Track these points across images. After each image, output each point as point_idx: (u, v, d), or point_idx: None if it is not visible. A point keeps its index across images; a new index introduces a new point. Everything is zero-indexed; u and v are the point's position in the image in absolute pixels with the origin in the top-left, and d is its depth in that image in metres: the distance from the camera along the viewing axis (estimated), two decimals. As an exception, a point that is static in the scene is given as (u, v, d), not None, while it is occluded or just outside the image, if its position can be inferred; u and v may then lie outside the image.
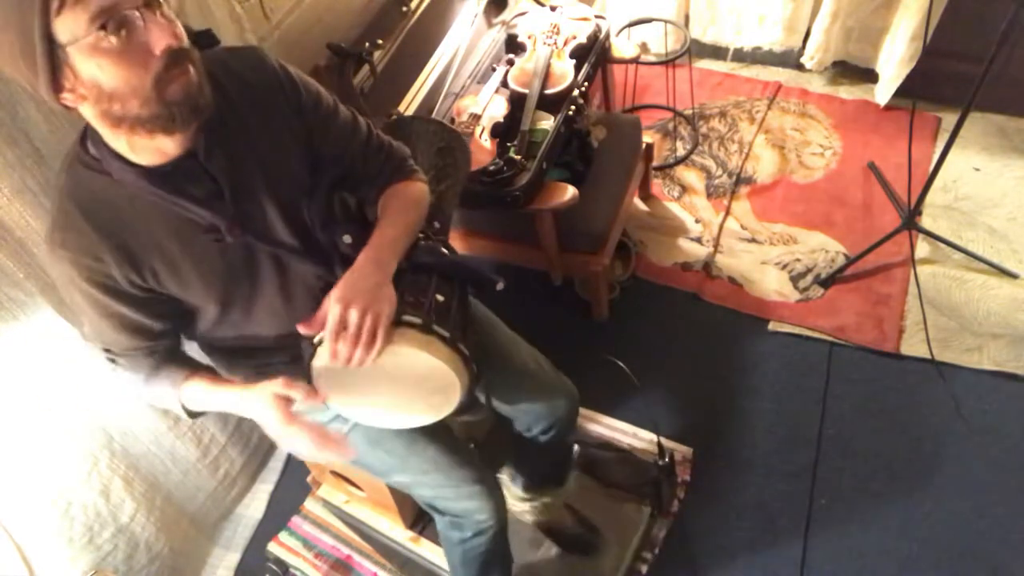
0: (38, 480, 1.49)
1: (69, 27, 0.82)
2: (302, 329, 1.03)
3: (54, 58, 0.84)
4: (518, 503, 1.77)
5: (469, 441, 1.87)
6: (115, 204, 0.99)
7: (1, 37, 0.83)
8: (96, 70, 0.85)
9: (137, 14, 0.84)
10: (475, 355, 1.10)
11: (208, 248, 1.05)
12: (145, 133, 0.92)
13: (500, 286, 1.20)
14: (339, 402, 1.14)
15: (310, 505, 2.00)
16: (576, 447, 1.93)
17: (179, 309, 1.12)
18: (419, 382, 1.09)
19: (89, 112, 0.91)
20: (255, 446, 2.05)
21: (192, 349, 1.26)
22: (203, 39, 0.98)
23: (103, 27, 0.82)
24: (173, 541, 1.79)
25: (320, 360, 1.04)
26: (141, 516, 1.68)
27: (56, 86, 0.86)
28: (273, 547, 1.94)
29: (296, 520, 1.98)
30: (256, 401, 1.05)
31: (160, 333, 1.13)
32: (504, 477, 1.78)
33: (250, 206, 1.07)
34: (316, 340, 1.05)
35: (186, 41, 0.90)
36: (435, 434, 1.32)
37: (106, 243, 0.99)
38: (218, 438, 1.89)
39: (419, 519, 1.90)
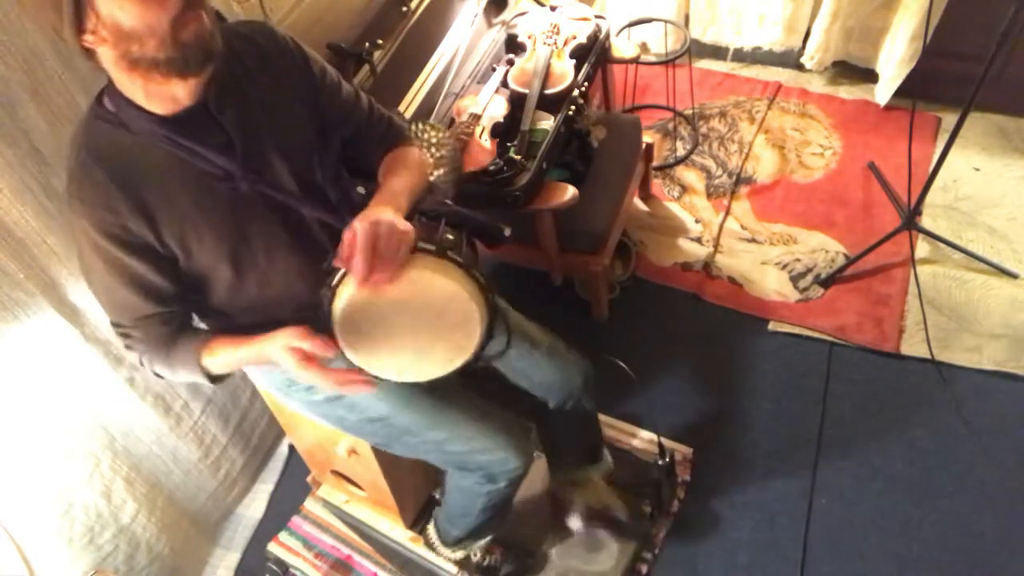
0: (38, 480, 1.49)
1: None
2: (336, 263, 1.03)
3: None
4: (555, 486, 1.82)
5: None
6: (130, 156, 1.03)
7: None
8: (117, 10, 0.90)
9: None
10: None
11: (220, 200, 1.08)
12: (160, 77, 0.97)
13: (507, 232, 1.25)
14: (360, 354, 1.12)
15: (310, 505, 2.01)
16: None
17: (191, 273, 1.13)
18: (438, 315, 1.08)
19: (108, 56, 0.95)
20: (255, 446, 2.05)
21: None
22: None
23: None
24: (174, 541, 1.79)
25: (341, 300, 1.04)
26: (143, 517, 1.68)
27: (79, 27, 0.91)
28: (273, 547, 1.94)
29: (296, 520, 1.98)
30: (274, 352, 1.07)
31: (173, 297, 1.13)
32: (543, 463, 1.81)
33: (260, 159, 1.11)
34: (334, 283, 1.05)
35: None
36: (457, 395, 1.38)
37: (121, 194, 1.02)
38: (219, 438, 1.90)
39: (419, 519, 1.90)
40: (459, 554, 1.71)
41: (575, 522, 1.75)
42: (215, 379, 1.18)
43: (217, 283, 1.16)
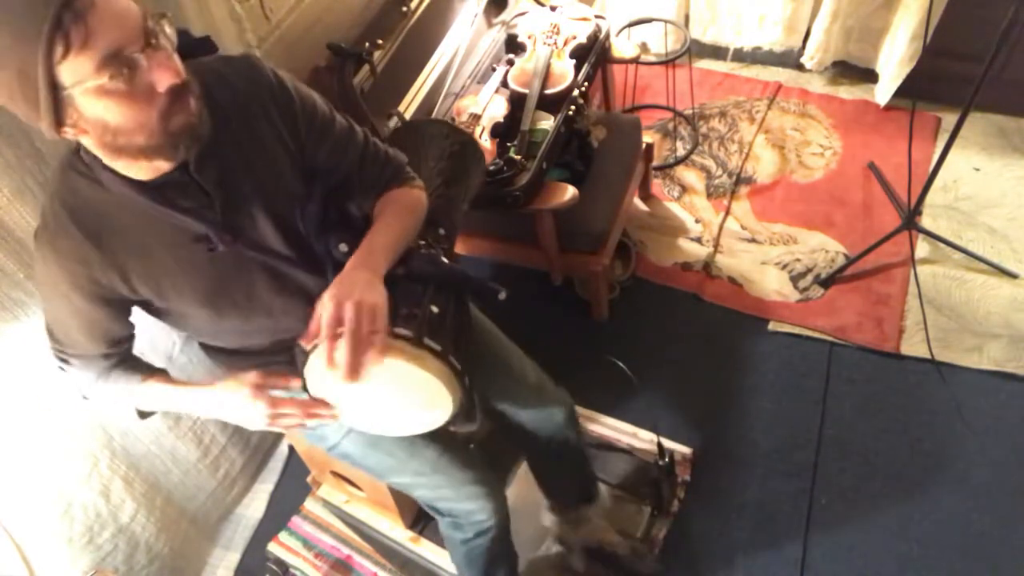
0: (38, 480, 1.49)
1: (74, 72, 0.81)
2: (304, 344, 1.01)
3: (57, 100, 0.83)
4: (557, 528, 1.78)
5: (468, 442, 1.87)
6: (105, 211, 0.99)
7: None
8: (102, 110, 0.85)
9: (140, 55, 0.84)
10: (469, 366, 1.09)
11: (199, 257, 1.04)
12: (145, 160, 0.94)
13: (502, 296, 1.18)
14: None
15: (310, 505, 2.01)
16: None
17: (167, 312, 1.12)
18: (410, 395, 1.08)
19: (90, 142, 0.91)
20: (255, 446, 2.05)
21: (192, 347, 1.26)
22: (201, 46, 0.96)
23: (109, 71, 0.82)
24: (173, 541, 1.79)
25: (313, 369, 1.02)
26: (141, 516, 1.68)
27: (58, 122, 0.86)
28: (273, 547, 1.94)
29: (296, 520, 1.98)
30: (233, 399, 1.07)
31: (124, 340, 1.14)
32: (542, 508, 1.79)
33: (241, 216, 1.06)
34: (309, 348, 1.02)
35: (184, 73, 0.90)
36: (434, 435, 1.30)
37: (96, 250, 0.99)
38: (218, 438, 1.90)
39: (419, 519, 1.90)
40: None
41: (578, 562, 1.75)
42: (142, 415, 1.20)
43: (194, 320, 1.14)
